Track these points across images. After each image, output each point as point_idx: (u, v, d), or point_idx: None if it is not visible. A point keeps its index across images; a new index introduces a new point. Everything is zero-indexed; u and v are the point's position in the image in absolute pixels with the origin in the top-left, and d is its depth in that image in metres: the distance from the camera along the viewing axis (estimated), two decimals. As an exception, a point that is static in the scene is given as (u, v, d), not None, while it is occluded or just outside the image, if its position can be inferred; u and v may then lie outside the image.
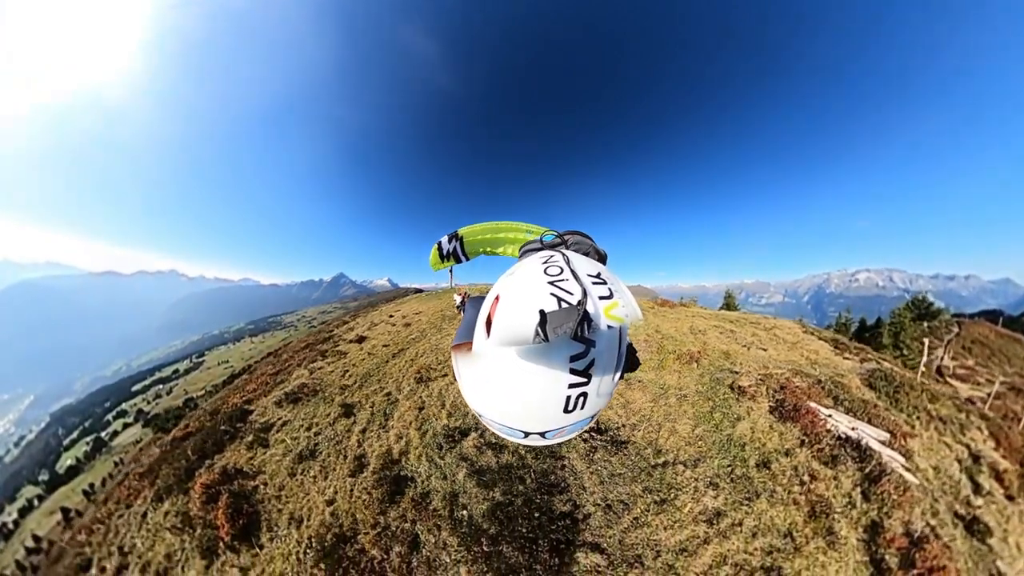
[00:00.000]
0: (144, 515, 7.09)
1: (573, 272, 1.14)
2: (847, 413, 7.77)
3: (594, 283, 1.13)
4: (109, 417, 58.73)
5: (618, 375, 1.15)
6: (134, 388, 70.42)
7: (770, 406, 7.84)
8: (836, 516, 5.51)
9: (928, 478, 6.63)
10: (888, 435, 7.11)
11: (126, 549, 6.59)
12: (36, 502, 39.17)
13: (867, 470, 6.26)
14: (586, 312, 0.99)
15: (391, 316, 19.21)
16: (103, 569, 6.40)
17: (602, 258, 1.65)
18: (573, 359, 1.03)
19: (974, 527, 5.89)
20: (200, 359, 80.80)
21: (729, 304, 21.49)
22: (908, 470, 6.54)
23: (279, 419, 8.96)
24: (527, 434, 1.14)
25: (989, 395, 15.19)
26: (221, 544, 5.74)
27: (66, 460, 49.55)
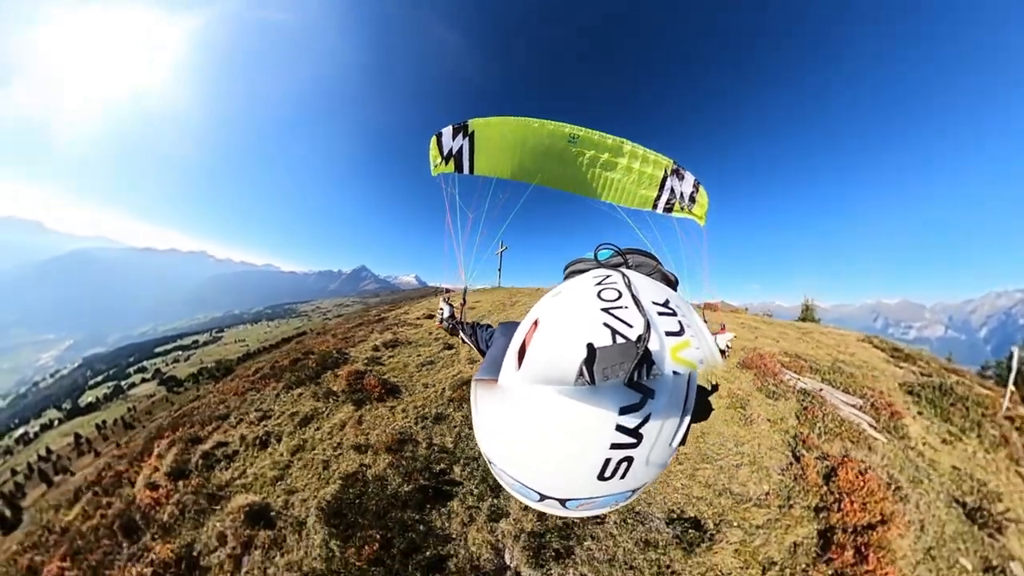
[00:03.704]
0: (278, 395, 7.88)
1: (635, 298, 0.92)
2: (827, 384, 7.29)
3: (660, 313, 0.90)
4: (131, 371, 62.08)
5: (678, 440, 0.90)
6: (156, 350, 73.31)
7: (737, 363, 7.98)
8: (757, 413, 6.18)
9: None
10: (860, 400, 6.74)
11: (264, 409, 7.42)
12: (56, 423, 44.43)
13: (805, 405, 6.47)
14: (647, 351, 0.77)
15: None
16: (241, 419, 7.23)
17: (670, 284, 1.29)
18: (623, 411, 0.81)
19: (979, 518, 4.89)
20: (219, 334, 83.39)
21: (806, 317, 17.01)
22: (875, 428, 6.09)
23: (382, 355, 9.41)
24: (543, 497, 0.92)
25: None
26: (371, 398, 6.82)
27: (87, 397, 53.74)
